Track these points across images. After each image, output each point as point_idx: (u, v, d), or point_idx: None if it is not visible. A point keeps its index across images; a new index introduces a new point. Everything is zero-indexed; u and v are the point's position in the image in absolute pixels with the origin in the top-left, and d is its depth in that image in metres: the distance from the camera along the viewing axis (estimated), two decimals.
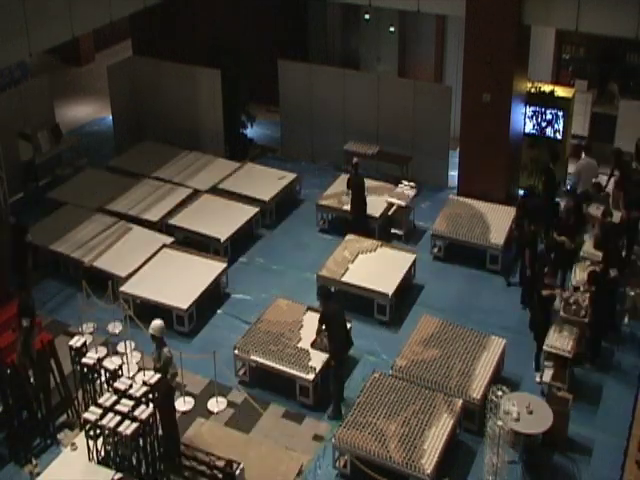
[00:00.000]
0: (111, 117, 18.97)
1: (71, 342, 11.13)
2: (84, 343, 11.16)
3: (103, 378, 10.86)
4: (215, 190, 16.40)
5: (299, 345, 12.32)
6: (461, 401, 11.16)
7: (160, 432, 10.21)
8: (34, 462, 10.85)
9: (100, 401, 10.11)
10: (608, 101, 17.57)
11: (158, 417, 10.09)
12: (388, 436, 10.63)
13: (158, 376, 10.29)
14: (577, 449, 11.09)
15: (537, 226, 13.41)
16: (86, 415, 9.99)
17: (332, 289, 13.45)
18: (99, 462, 10.11)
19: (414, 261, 14.26)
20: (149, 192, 16.20)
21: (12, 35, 12.85)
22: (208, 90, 17.69)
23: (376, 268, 13.97)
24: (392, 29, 19.62)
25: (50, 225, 15.18)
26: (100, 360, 10.85)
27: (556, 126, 16.23)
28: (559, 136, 16.28)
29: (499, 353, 12.06)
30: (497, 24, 14.42)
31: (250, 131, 18.97)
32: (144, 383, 10.19)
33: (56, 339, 12.35)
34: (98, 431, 9.94)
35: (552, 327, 12.08)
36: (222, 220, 15.31)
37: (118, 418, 9.80)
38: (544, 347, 11.86)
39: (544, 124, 16.28)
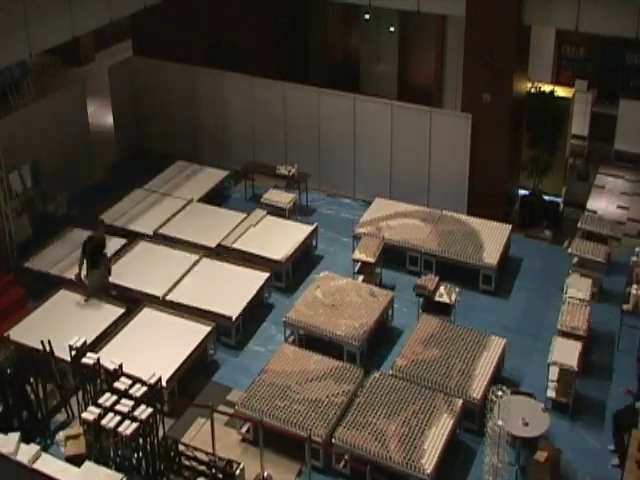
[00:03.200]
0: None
1: (71, 342, 11.13)
2: (84, 343, 11.16)
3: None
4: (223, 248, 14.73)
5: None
6: (461, 401, 11.17)
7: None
8: None
9: (100, 401, 10.10)
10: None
11: None
12: (388, 436, 10.63)
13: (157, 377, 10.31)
14: (577, 449, 11.09)
15: None
16: (85, 415, 9.99)
17: None
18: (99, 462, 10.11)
19: None
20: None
21: (12, 35, 12.85)
22: (208, 90, 17.67)
23: None
24: (392, 29, 19.64)
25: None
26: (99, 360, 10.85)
27: None
28: None
29: (499, 353, 12.07)
30: (497, 24, 14.42)
31: None
32: (143, 383, 10.20)
33: None
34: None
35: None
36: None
37: (118, 418, 9.81)
38: (549, 361, 11.64)
39: None
